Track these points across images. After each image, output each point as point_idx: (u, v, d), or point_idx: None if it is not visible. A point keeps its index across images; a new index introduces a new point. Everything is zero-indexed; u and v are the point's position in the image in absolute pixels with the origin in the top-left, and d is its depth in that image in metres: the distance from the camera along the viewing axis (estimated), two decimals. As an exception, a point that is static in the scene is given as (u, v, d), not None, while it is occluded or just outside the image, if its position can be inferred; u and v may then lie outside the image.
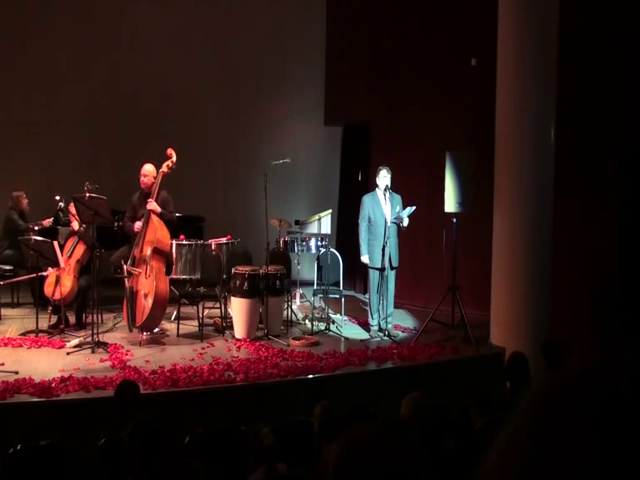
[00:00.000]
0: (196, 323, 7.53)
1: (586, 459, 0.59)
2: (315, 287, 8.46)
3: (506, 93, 7.28)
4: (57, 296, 7.26)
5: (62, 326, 7.32)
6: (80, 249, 7.56)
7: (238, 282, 7.32)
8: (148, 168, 7.59)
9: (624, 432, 0.59)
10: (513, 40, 7.22)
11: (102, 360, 6.36)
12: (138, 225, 7.37)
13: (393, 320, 8.00)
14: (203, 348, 6.96)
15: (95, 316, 6.86)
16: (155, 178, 7.53)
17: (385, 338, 7.54)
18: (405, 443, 1.41)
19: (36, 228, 8.35)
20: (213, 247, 8.37)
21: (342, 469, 1.37)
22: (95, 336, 6.69)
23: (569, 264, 7.79)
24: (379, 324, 7.73)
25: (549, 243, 7.25)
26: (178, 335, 7.44)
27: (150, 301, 7.03)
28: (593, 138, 7.81)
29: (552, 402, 0.64)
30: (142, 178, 7.56)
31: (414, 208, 7.61)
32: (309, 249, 8.60)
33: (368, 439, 1.40)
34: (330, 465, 1.38)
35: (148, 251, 7.17)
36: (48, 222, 8.56)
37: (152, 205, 7.31)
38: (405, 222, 7.61)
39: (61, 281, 7.29)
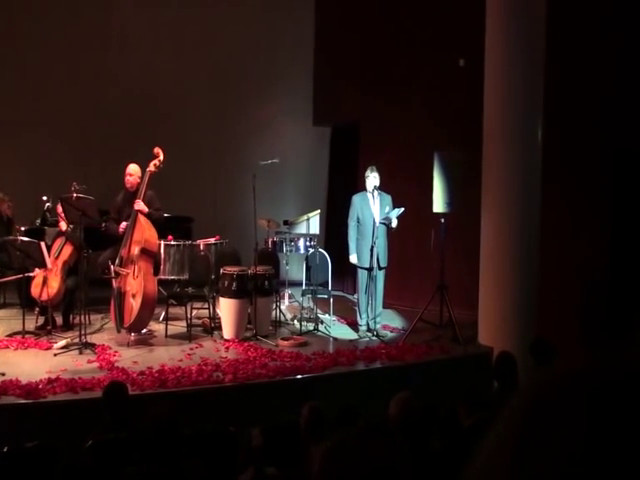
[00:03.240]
0: (184, 324, 7.51)
1: (576, 456, 0.59)
2: (304, 287, 8.47)
3: (494, 93, 7.31)
4: (44, 297, 7.22)
5: (49, 327, 7.27)
6: (67, 250, 7.51)
7: (226, 282, 7.30)
8: (133, 168, 7.58)
9: (614, 430, 0.59)
10: (501, 40, 7.25)
11: (89, 361, 6.33)
12: (123, 226, 7.34)
13: (382, 320, 8.01)
14: (191, 349, 6.94)
15: (82, 317, 6.82)
16: (140, 178, 7.52)
17: (374, 338, 7.55)
18: (390, 445, 1.41)
19: (22, 228, 8.28)
20: (201, 247, 8.35)
21: (326, 474, 1.37)
22: (82, 337, 6.66)
23: (557, 264, 7.83)
24: (368, 324, 7.73)
25: (537, 243, 7.28)
26: (166, 336, 7.41)
27: (138, 302, 7.00)
28: (581, 137, 7.84)
29: (542, 400, 0.64)
30: (127, 177, 7.56)
31: (402, 209, 7.62)
32: (298, 249, 8.59)
33: (351, 443, 1.40)
34: (315, 471, 1.37)
35: (136, 251, 7.14)
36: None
37: (139, 205, 7.28)
38: (394, 223, 7.61)
39: (48, 282, 7.25)
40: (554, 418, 0.61)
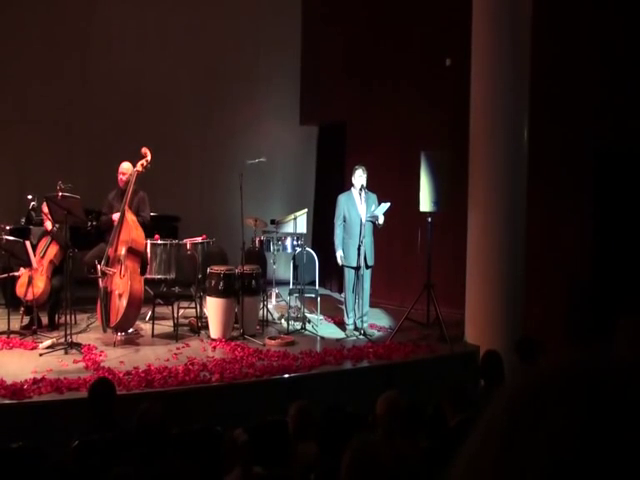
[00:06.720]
0: (171, 323, 7.48)
1: (561, 455, 0.59)
2: (291, 286, 8.45)
3: (480, 93, 7.34)
4: (29, 297, 7.17)
5: (34, 327, 7.22)
6: (53, 249, 7.47)
7: (213, 282, 7.29)
8: (126, 166, 7.59)
9: (599, 428, 0.59)
10: (487, 40, 7.27)
11: (75, 361, 6.29)
12: (116, 216, 7.34)
13: (369, 319, 8.02)
14: (178, 348, 6.92)
15: (68, 317, 6.77)
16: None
17: (361, 337, 7.56)
18: (413, 445, 1.42)
19: (7, 227, 8.22)
20: (188, 247, 8.32)
21: (353, 472, 1.37)
22: (68, 337, 6.61)
23: (543, 263, 7.87)
24: (355, 323, 7.74)
25: (523, 242, 7.31)
26: (153, 335, 7.38)
27: (124, 301, 6.96)
28: (566, 137, 7.88)
29: (527, 395, 0.64)
30: (120, 176, 7.59)
31: (388, 204, 7.62)
32: (285, 248, 8.58)
33: (378, 442, 1.40)
34: (342, 472, 1.37)
35: (122, 251, 7.11)
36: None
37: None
38: (381, 220, 7.62)
39: (34, 281, 7.20)
40: (538, 416, 0.61)
